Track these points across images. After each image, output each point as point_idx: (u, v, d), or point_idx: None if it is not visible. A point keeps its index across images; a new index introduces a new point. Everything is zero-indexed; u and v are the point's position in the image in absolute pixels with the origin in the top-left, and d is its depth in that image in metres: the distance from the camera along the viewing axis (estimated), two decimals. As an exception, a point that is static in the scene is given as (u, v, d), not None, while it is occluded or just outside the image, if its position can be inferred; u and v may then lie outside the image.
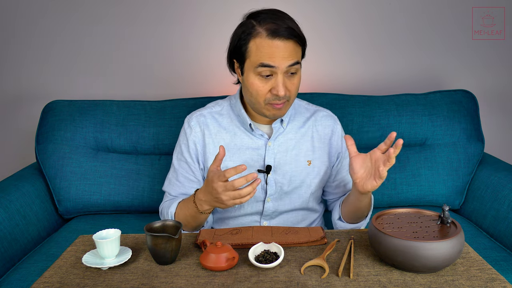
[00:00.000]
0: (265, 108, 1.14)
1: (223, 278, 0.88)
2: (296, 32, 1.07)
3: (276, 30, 1.05)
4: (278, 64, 1.07)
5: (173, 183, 1.28)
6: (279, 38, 1.05)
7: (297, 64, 1.10)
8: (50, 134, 1.69)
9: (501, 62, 2.01)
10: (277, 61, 1.06)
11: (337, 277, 0.88)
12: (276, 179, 1.24)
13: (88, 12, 1.92)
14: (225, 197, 1.01)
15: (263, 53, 1.07)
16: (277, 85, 1.09)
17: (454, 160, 1.69)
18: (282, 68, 1.07)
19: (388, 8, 1.94)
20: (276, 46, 1.06)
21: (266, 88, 1.11)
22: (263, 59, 1.07)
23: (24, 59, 1.99)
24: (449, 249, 0.85)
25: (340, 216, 1.25)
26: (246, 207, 1.26)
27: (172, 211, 1.19)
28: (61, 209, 1.68)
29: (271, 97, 1.11)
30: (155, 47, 1.97)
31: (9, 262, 1.39)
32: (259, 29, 1.07)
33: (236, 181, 0.98)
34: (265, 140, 1.23)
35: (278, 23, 1.06)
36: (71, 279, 0.89)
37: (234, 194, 1.00)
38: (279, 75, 1.08)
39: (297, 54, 1.10)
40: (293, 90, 1.13)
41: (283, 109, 1.15)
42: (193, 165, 1.26)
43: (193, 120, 1.27)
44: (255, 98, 1.13)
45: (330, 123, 1.29)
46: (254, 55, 1.08)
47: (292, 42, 1.07)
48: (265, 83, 1.10)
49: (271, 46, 1.06)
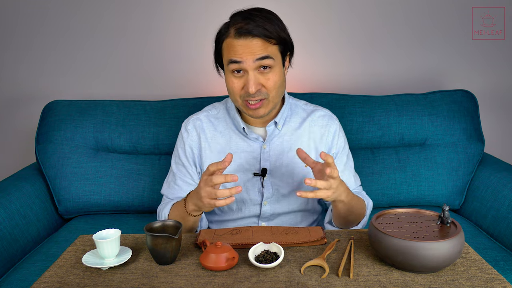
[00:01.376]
0: (242, 106, 1.15)
1: (223, 278, 0.88)
2: (267, 31, 1.07)
3: (244, 29, 1.07)
4: (245, 59, 1.08)
5: (171, 186, 1.28)
6: (245, 36, 1.07)
7: (267, 58, 1.08)
8: (50, 134, 1.69)
9: (501, 62, 2.01)
10: (243, 56, 1.07)
11: (337, 277, 0.87)
12: (273, 182, 1.23)
13: (87, 12, 1.92)
14: (203, 193, 1.01)
15: (231, 51, 1.09)
16: (247, 82, 1.09)
17: (454, 160, 1.69)
18: (249, 63, 1.08)
19: (388, 8, 1.93)
20: (242, 44, 1.07)
21: (240, 85, 1.12)
22: (231, 55, 1.09)
23: (24, 59, 1.99)
24: (449, 249, 0.85)
25: (330, 219, 1.25)
26: (243, 210, 1.26)
27: (166, 213, 1.20)
28: (61, 209, 1.68)
29: (245, 93, 1.11)
30: (155, 47, 1.97)
31: (9, 262, 1.39)
32: (230, 30, 1.10)
33: (214, 177, 0.98)
34: (260, 143, 1.23)
35: (248, 22, 1.07)
36: (71, 279, 0.89)
37: (211, 191, 0.99)
38: (250, 72, 1.09)
39: (267, 50, 1.09)
40: (270, 86, 1.11)
41: (262, 108, 1.14)
42: (190, 168, 1.26)
43: (189, 124, 1.28)
44: (233, 96, 1.15)
45: (326, 122, 1.27)
46: (226, 54, 1.11)
47: (260, 39, 1.07)
48: (238, 80, 1.11)
49: (238, 44, 1.08)
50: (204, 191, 1.01)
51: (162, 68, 1.99)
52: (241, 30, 1.07)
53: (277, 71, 1.12)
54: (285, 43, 1.13)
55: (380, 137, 1.72)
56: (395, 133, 1.72)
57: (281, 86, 1.15)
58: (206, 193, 1.01)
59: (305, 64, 1.95)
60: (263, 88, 1.11)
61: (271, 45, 1.09)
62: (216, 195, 0.99)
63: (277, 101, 1.17)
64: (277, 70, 1.12)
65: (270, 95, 1.12)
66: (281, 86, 1.15)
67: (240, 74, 1.11)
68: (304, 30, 1.93)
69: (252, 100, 1.12)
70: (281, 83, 1.14)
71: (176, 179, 1.27)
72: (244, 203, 1.25)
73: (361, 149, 1.74)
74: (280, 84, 1.14)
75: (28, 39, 1.96)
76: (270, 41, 1.09)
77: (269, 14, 1.11)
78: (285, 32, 1.13)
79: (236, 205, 1.26)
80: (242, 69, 1.09)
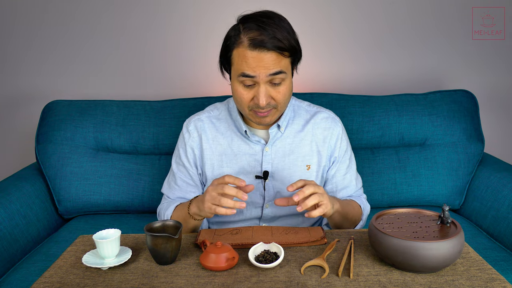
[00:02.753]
0: (249, 114, 1.14)
1: (223, 278, 0.88)
2: (282, 43, 1.05)
3: (258, 41, 1.04)
4: (258, 74, 1.06)
5: (172, 186, 1.28)
6: (260, 49, 1.04)
7: (280, 73, 1.07)
8: (50, 134, 1.69)
9: (501, 62, 2.01)
10: (257, 71, 1.05)
11: (337, 277, 0.87)
12: (274, 184, 1.23)
13: (87, 12, 1.92)
14: (208, 197, 1.02)
15: (244, 63, 1.06)
16: (258, 95, 1.08)
17: (454, 160, 1.69)
18: (262, 77, 1.06)
19: (389, 8, 1.93)
20: (256, 57, 1.05)
21: (249, 96, 1.10)
22: (243, 69, 1.06)
23: (24, 59, 1.99)
24: (449, 249, 0.85)
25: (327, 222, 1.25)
26: (245, 212, 1.26)
27: (169, 214, 1.20)
28: (61, 209, 1.68)
29: (254, 105, 1.11)
30: (155, 47, 1.97)
31: (9, 262, 1.39)
32: (242, 38, 1.06)
33: (227, 187, 0.99)
34: (262, 145, 1.23)
35: (262, 32, 1.04)
36: (71, 279, 0.89)
37: (216, 197, 1.00)
38: (261, 84, 1.07)
39: (281, 64, 1.07)
40: (280, 99, 1.11)
41: (269, 116, 1.14)
42: (191, 169, 1.26)
43: (191, 125, 1.27)
44: (240, 105, 1.14)
45: (329, 125, 1.26)
46: (237, 64, 1.09)
47: (274, 53, 1.05)
48: (248, 91, 1.10)
49: (252, 57, 1.05)
50: (209, 195, 1.01)
51: (162, 68, 1.99)
52: (255, 41, 1.04)
53: (287, 83, 1.11)
54: (296, 53, 1.11)
55: (380, 137, 1.72)
56: (395, 133, 1.72)
57: (290, 96, 1.15)
58: (211, 197, 1.01)
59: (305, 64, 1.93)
60: (272, 101, 1.11)
61: (284, 58, 1.07)
62: (220, 202, 0.99)
63: (285, 109, 1.18)
64: (287, 82, 1.11)
65: (279, 106, 1.12)
66: (290, 96, 1.15)
67: (250, 86, 1.09)
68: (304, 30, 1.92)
69: (262, 110, 1.11)
70: (290, 93, 1.14)
71: (176, 179, 1.27)
72: (246, 205, 1.25)
73: (361, 149, 1.74)
74: (289, 94, 1.14)
75: (28, 39, 1.96)
76: (283, 54, 1.06)
77: (280, 21, 1.08)
78: (295, 39, 1.10)
79: None
80: (255, 82, 1.08)
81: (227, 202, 0.99)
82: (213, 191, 1.01)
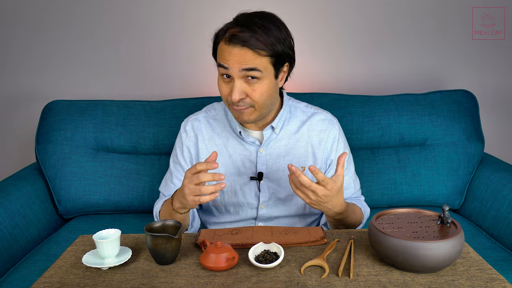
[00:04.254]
0: (230, 109, 1.15)
1: (223, 278, 0.88)
2: (260, 43, 1.05)
3: (236, 36, 1.05)
4: (231, 67, 1.07)
5: (168, 184, 1.29)
6: (234, 44, 1.06)
7: (254, 70, 1.06)
8: (50, 134, 1.69)
9: (501, 62, 2.01)
10: (230, 64, 1.07)
11: (337, 277, 0.87)
12: (269, 185, 1.23)
13: (87, 13, 1.92)
14: (187, 190, 1.01)
15: (221, 55, 1.09)
16: (232, 89, 1.09)
17: (454, 160, 1.69)
18: (235, 71, 1.07)
19: (388, 8, 1.93)
20: (231, 51, 1.06)
21: (227, 90, 1.11)
22: (220, 59, 1.09)
23: (24, 59, 1.99)
24: (449, 249, 0.85)
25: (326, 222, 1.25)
26: (240, 213, 1.26)
27: (157, 209, 1.22)
28: (61, 209, 1.68)
29: (231, 100, 1.11)
30: (155, 46, 1.97)
31: (9, 262, 1.39)
32: (226, 33, 1.09)
33: (202, 175, 0.98)
34: (257, 147, 1.23)
35: (244, 30, 1.05)
36: (71, 279, 0.89)
37: (195, 188, 0.99)
38: (236, 79, 1.08)
39: (255, 61, 1.06)
40: (256, 97, 1.10)
41: (246, 115, 1.13)
42: (187, 168, 1.25)
43: (188, 124, 1.29)
44: (223, 99, 1.15)
45: (326, 127, 1.25)
46: (218, 57, 1.11)
47: (248, 49, 1.05)
48: (227, 84, 1.11)
49: (227, 50, 1.07)
50: (187, 189, 1.01)
51: (162, 68, 1.99)
52: (233, 37, 1.06)
53: (265, 82, 1.09)
54: (280, 57, 1.10)
55: (380, 137, 1.72)
56: (395, 133, 1.72)
57: (270, 97, 1.13)
58: (190, 190, 1.00)
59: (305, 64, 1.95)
60: (247, 98, 1.10)
61: (260, 56, 1.06)
62: (200, 191, 0.99)
63: (266, 111, 1.16)
64: (265, 82, 1.09)
65: (256, 105, 1.11)
66: (270, 97, 1.13)
67: (228, 79, 1.10)
68: (303, 30, 1.93)
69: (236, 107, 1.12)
70: (270, 94, 1.12)
71: (172, 178, 1.28)
72: (241, 206, 1.25)
73: (361, 149, 1.74)
74: (268, 95, 1.12)
75: (28, 39, 1.96)
76: (259, 53, 1.06)
77: (270, 23, 1.07)
78: (285, 44, 1.09)
79: (233, 208, 1.26)
80: (230, 75, 1.09)
81: (207, 189, 0.98)
82: (190, 184, 1.00)
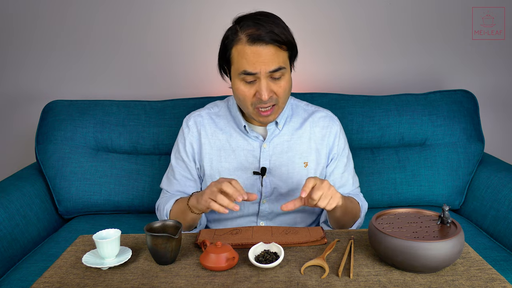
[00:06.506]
0: (253, 113, 1.15)
1: (223, 278, 0.88)
2: (279, 37, 1.06)
3: (256, 35, 1.05)
4: (259, 70, 1.07)
5: (170, 180, 1.29)
6: (259, 43, 1.05)
7: (280, 69, 1.08)
8: (50, 134, 1.69)
9: (501, 62, 2.01)
10: (258, 67, 1.07)
11: (337, 277, 0.88)
12: (272, 181, 1.24)
13: (87, 12, 1.92)
14: (208, 190, 1.03)
15: (244, 60, 1.07)
16: (260, 89, 1.09)
17: (454, 160, 1.69)
18: (263, 73, 1.07)
19: (388, 8, 1.94)
20: (256, 51, 1.06)
21: (251, 93, 1.11)
22: (244, 66, 1.08)
23: (24, 59, 1.99)
24: (449, 249, 0.85)
25: (326, 219, 1.26)
26: (242, 208, 1.26)
27: (169, 207, 1.21)
28: (61, 209, 1.68)
29: (257, 101, 1.11)
30: (155, 47, 1.97)
31: (9, 262, 1.39)
32: (240, 35, 1.08)
33: (225, 185, 0.99)
34: (260, 142, 1.24)
35: (259, 28, 1.05)
36: (71, 279, 0.89)
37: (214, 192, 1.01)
38: (262, 79, 1.08)
39: (280, 59, 1.08)
40: (281, 93, 1.12)
41: (272, 114, 1.15)
42: (189, 164, 1.27)
43: (190, 120, 1.29)
44: (243, 103, 1.14)
45: (328, 123, 1.28)
46: (237, 62, 1.09)
47: (273, 46, 1.06)
48: (250, 87, 1.11)
49: (252, 52, 1.06)
50: (209, 189, 1.03)
51: (162, 68, 1.99)
52: (253, 36, 1.05)
53: (287, 78, 1.13)
54: (293, 48, 1.12)
55: (380, 137, 1.72)
56: (395, 133, 1.72)
57: (290, 92, 1.17)
58: (210, 191, 1.02)
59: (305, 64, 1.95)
60: (274, 95, 1.12)
61: (282, 51, 1.08)
62: (216, 197, 1.00)
63: (285, 105, 1.19)
64: (287, 77, 1.13)
65: (280, 101, 1.13)
66: (290, 92, 1.17)
67: (250, 81, 1.10)
68: (303, 30, 1.93)
69: (263, 107, 1.12)
70: (290, 88, 1.16)
71: (175, 174, 1.28)
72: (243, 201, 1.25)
73: (361, 149, 1.74)
74: (289, 90, 1.15)
75: (28, 39, 1.96)
76: (281, 48, 1.08)
77: (275, 19, 1.10)
78: (292, 36, 1.12)
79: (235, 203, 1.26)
80: (256, 78, 1.09)
81: (222, 199, 1.00)
82: (214, 186, 1.02)
